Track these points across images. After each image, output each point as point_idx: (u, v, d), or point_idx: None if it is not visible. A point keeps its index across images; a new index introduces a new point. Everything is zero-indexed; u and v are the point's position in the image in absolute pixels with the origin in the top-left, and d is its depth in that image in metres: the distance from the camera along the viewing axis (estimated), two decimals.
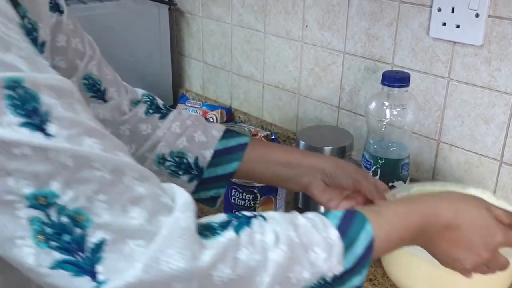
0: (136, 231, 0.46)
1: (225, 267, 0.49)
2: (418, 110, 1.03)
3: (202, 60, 1.53)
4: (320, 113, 1.26)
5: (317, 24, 1.20)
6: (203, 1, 1.45)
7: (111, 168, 0.47)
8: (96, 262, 0.45)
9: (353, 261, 0.55)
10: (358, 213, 0.58)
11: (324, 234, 0.55)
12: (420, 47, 1.03)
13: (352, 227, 0.56)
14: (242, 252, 0.50)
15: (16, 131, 0.43)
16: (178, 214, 0.48)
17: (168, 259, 0.46)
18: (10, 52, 0.45)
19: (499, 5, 0.91)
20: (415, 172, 1.10)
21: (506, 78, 0.93)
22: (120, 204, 0.46)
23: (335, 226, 0.56)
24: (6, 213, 0.44)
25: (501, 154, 0.97)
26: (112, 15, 1.37)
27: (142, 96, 0.84)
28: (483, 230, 0.64)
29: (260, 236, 0.52)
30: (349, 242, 0.55)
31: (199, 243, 0.48)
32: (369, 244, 0.56)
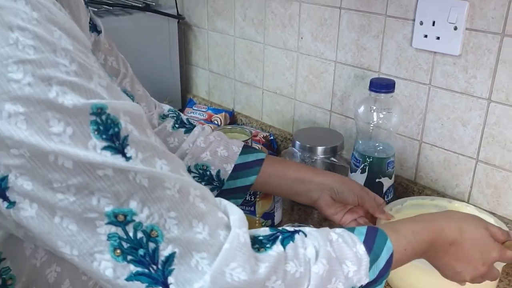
0: (200, 244, 0.47)
1: (277, 278, 0.49)
2: (402, 113, 1.03)
3: (208, 68, 1.53)
4: (314, 116, 1.26)
5: (311, 36, 1.20)
6: (208, 15, 1.45)
7: (179, 187, 0.47)
8: (168, 274, 0.45)
9: (376, 273, 0.57)
10: (380, 230, 0.60)
11: (354, 249, 0.56)
12: (404, 56, 1.03)
13: (376, 243, 0.58)
14: (289, 265, 0.51)
15: (100, 154, 0.43)
16: (237, 230, 0.49)
17: (232, 272, 0.46)
18: (93, 80, 0.44)
19: (475, 19, 0.91)
20: (399, 169, 1.10)
21: (482, 84, 0.93)
22: (187, 220, 0.47)
23: (362, 242, 0.57)
24: (87, 229, 0.44)
25: (477, 153, 0.97)
26: (126, 28, 1.37)
27: (168, 111, 0.85)
28: (482, 247, 0.66)
29: (303, 250, 0.53)
30: (374, 257, 0.57)
31: (255, 257, 0.49)
32: (390, 259, 0.58)
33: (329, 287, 0.53)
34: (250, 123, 1.42)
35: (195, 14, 1.50)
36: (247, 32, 1.35)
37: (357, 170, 0.97)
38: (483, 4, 0.89)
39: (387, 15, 1.03)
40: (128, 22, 1.37)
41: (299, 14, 1.20)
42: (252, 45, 1.35)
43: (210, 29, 1.46)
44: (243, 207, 0.96)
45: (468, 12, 0.91)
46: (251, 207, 0.96)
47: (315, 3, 1.16)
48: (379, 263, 0.57)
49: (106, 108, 0.44)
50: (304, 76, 1.24)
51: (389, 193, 0.99)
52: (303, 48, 1.22)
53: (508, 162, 0.92)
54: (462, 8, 0.91)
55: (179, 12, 1.51)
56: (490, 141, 0.94)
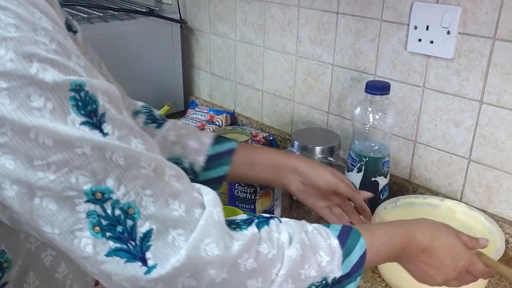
0: (177, 221, 0.47)
1: (249, 257, 0.50)
2: (397, 114, 1.03)
3: (210, 71, 1.53)
4: (312, 117, 1.26)
5: (309, 40, 1.20)
6: (210, 20, 1.46)
7: (154, 166, 0.47)
8: (146, 249, 0.46)
9: (349, 268, 0.57)
10: (354, 229, 0.61)
11: (328, 241, 0.57)
12: (399, 60, 1.04)
13: (349, 239, 0.58)
14: (262, 246, 0.51)
15: (78, 129, 0.43)
16: (211, 208, 0.49)
17: (206, 247, 0.47)
18: (71, 59, 0.45)
19: (468, 24, 0.91)
20: (394, 169, 1.10)
21: (474, 87, 0.93)
22: (163, 198, 0.47)
23: (336, 236, 0.58)
24: (67, 208, 0.44)
25: (469, 153, 0.97)
26: (131, 32, 1.38)
27: (141, 108, 0.84)
28: (452, 254, 0.66)
29: (277, 235, 0.54)
30: (347, 251, 0.57)
31: (229, 234, 0.49)
32: (363, 255, 0.59)
33: (301, 272, 0.53)
34: (250, 124, 1.42)
35: (197, 19, 1.50)
36: (248, 36, 1.35)
37: (354, 170, 0.98)
38: (475, 9, 0.89)
39: (382, 20, 1.04)
40: (133, 26, 1.38)
41: (297, 18, 1.21)
42: (252, 48, 1.35)
43: (211, 33, 1.47)
44: (243, 205, 0.97)
45: (460, 17, 0.91)
46: (251, 205, 0.96)
47: (313, 8, 1.16)
48: (352, 257, 0.57)
49: (85, 85, 0.44)
50: (303, 78, 1.25)
51: (384, 192, 0.99)
52: (301, 52, 1.23)
53: (499, 162, 0.93)
54: (455, 13, 0.92)
55: (182, 17, 1.51)
56: (482, 142, 0.95)
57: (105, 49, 1.32)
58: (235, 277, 0.49)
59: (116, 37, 1.35)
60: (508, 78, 0.88)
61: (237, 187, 0.96)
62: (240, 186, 0.96)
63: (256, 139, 1.28)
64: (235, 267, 0.49)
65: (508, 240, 0.92)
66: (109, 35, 1.33)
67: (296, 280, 0.53)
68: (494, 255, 0.76)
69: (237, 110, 1.48)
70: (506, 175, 0.92)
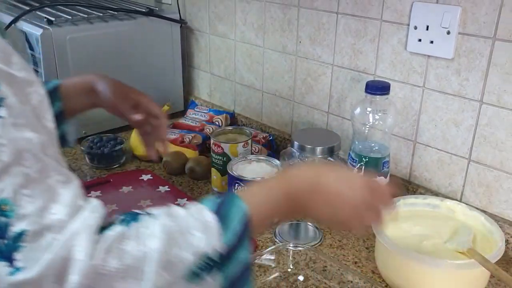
0: (54, 225, 0.46)
1: (112, 258, 0.48)
2: (397, 114, 1.03)
3: (209, 71, 1.53)
4: (312, 117, 1.26)
5: (309, 40, 1.20)
6: (210, 20, 1.46)
7: (39, 168, 0.47)
8: (15, 249, 0.44)
9: (232, 235, 0.54)
10: (231, 194, 0.59)
11: (199, 218, 0.54)
12: (398, 60, 1.03)
13: (227, 209, 0.55)
14: (129, 244, 0.49)
15: None
16: (89, 213, 0.49)
17: (74, 252, 0.46)
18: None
19: (468, 24, 0.91)
20: (394, 169, 1.10)
21: (474, 87, 0.93)
22: (42, 200, 0.46)
23: (210, 209, 0.55)
24: None
25: (469, 153, 0.97)
26: (131, 32, 1.38)
27: None
28: (345, 179, 0.62)
29: (144, 229, 0.51)
30: (225, 222, 0.54)
31: (96, 240, 0.48)
32: (243, 217, 0.55)
33: (172, 259, 0.50)
34: (250, 124, 1.42)
35: (197, 19, 1.50)
36: (247, 36, 1.35)
37: (354, 170, 0.98)
38: (475, 10, 0.89)
39: (382, 20, 1.04)
40: (132, 26, 1.37)
41: (297, 19, 1.21)
42: (252, 48, 1.35)
43: (211, 33, 1.47)
44: None
45: (460, 17, 0.91)
46: None
47: (313, 8, 1.16)
48: (231, 224, 0.54)
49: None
50: (302, 78, 1.25)
51: None
52: (301, 52, 1.23)
53: (499, 162, 0.93)
54: (455, 13, 0.91)
55: (182, 17, 1.51)
56: (482, 142, 0.94)
57: (105, 49, 1.32)
58: (100, 282, 0.47)
59: (116, 37, 1.34)
60: (508, 78, 0.88)
61: (237, 187, 0.96)
62: (240, 186, 0.96)
63: (256, 139, 1.28)
64: (98, 272, 0.47)
65: (508, 240, 0.92)
66: (109, 35, 1.33)
67: (169, 269, 0.50)
68: (494, 255, 0.76)
69: (237, 110, 1.47)
70: (506, 175, 0.92)
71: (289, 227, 0.99)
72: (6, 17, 1.31)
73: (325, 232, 0.98)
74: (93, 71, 0.94)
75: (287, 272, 0.86)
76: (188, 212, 0.55)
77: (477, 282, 0.80)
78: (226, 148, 1.08)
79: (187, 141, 1.30)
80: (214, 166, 1.11)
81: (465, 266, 0.76)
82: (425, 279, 0.78)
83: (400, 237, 0.83)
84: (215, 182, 1.13)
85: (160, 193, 1.11)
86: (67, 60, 1.25)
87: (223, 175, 1.09)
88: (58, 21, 1.25)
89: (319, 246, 0.94)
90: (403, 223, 0.87)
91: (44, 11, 1.31)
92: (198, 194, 1.12)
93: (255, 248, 0.92)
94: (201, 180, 1.18)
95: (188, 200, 1.08)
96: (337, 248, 0.94)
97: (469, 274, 0.78)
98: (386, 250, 0.80)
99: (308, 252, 0.86)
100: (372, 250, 0.92)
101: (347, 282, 0.81)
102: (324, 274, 0.85)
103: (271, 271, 0.86)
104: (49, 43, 1.22)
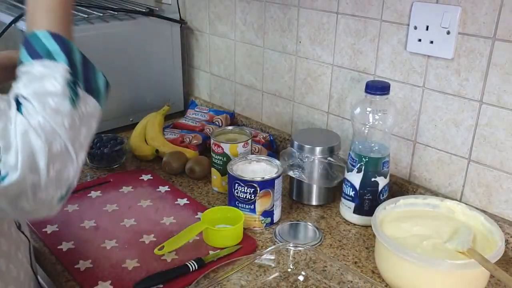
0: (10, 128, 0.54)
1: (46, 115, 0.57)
2: (397, 114, 1.03)
3: (209, 71, 1.53)
4: (312, 117, 1.26)
5: (309, 40, 1.20)
6: (210, 20, 1.46)
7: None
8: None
9: (55, 47, 0.60)
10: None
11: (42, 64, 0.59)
12: (398, 60, 1.03)
13: (31, 38, 0.61)
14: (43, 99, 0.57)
15: None
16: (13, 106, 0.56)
17: (30, 142, 0.54)
18: None
19: (468, 24, 0.91)
20: (394, 169, 1.10)
21: (474, 87, 0.93)
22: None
23: (27, 52, 0.60)
24: None
25: (469, 153, 0.97)
26: (131, 32, 1.38)
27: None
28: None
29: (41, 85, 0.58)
30: (48, 55, 0.60)
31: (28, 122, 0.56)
32: (54, 36, 0.61)
33: (50, 100, 0.57)
34: (250, 124, 1.42)
35: (197, 19, 1.50)
36: (247, 36, 1.35)
37: (354, 170, 0.98)
38: (475, 10, 0.89)
39: (382, 20, 1.04)
40: (132, 26, 1.37)
41: (297, 19, 1.21)
42: (252, 48, 1.35)
43: (211, 33, 1.47)
44: (242, 205, 0.97)
45: (460, 17, 0.91)
46: (251, 205, 0.96)
47: (313, 8, 1.16)
48: (44, 43, 0.60)
49: None
50: (302, 78, 1.25)
51: (384, 192, 0.99)
52: (301, 52, 1.23)
53: (499, 162, 0.93)
54: (454, 13, 0.91)
55: (182, 17, 1.51)
56: (481, 142, 0.94)
57: (105, 49, 1.32)
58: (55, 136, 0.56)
59: (116, 37, 1.34)
60: (508, 78, 0.88)
61: (237, 187, 0.96)
62: (240, 186, 0.96)
63: (256, 139, 1.28)
64: (48, 131, 0.56)
65: (508, 240, 0.92)
66: (109, 35, 1.33)
67: (45, 99, 0.57)
68: (494, 255, 0.76)
69: (236, 110, 1.47)
70: (506, 175, 0.92)
71: (289, 227, 0.99)
72: (6, 17, 1.31)
73: (325, 232, 0.98)
74: None
75: (287, 272, 0.86)
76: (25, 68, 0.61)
77: (477, 282, 0.80)
78: (226, 148, 1.08)
79: (187, 141, 1.30)
80: (214, 166, 1.11)
81: (465, 266, 0.76)
82: (425, 279, 0.78)
83: (400, 237, 0.83)
84: (215, 182, 1.13)
85: (160, 193, 1.11)
86: None
87: (223, 175, 1.09)
88: None
89: (319, 246, 0.94)
90: (403, 223, 0.87)
91: None
92: (198, 194, 1.12)
93: (255, 248, 0.93)
94: (201, 180, 1.18)
95: (188, 200, 1.08)
96: (337, 248, 0.94)
97: (469, 274, 0.78)
98: (386, 250, 0.80)
99: (308, 252, 0.86)
100: (372, 250, 0.92)
101: (347, 282, 0.81)
102: (324, 274, 0.85)
103: (271, 271, 0.86)
104: None
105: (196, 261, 0.85)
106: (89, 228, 0.97)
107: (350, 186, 0.99)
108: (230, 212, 0.97)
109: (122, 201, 1.07)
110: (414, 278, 0.79)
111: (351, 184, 0.99)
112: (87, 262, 0.87)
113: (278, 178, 0.98)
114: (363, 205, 0.99)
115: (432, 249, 0.81)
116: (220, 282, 0.81)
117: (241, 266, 0.83)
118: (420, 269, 0.77)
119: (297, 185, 1.08)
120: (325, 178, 1.04)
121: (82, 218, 1.00)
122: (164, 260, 0.88)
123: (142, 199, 1.08)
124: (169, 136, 1.32)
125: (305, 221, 1.02)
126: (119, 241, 0.93)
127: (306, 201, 1.08)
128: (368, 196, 0.98)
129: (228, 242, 0.91)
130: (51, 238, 0.93)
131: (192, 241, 0.92)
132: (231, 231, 0.92)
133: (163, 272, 0.83)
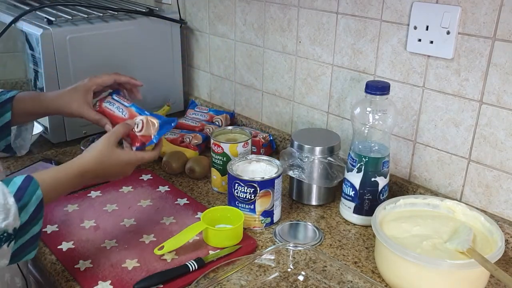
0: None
1: None
2: (397, 115, 1.03)
3: (209, 71, 1.53)
4: (312, 117, 1.26)
5: (309, 40, 1.20)
6: (210, 20, 1.46)
7: None
8: None
9: (28, 217, 0.70)
10: (34, 180, 0.72)
11: (4, 202, 0.68)
12: (398, 60, 1.03)
13: (27, 192, 0.70)
14: None
15: None
16: None
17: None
18: None
19: (467, 24, 0.91)
20: (394, 169, 1.10)
21: (473, 87, 0.93)
22: None
23: (13, 194, 0.69)
24: None
25: (469, 153, 0.97)
26: (131, 32, 1.37)
27: None
28: (118, 166, 0.85)
29: None
30: (23, 203, 0.69)
31: None
32: (39, 203, 0.71)
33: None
34: (250, 124, 1.42)
35: (197, 19, 1.50)
36: (247, 36, 1.35)
37: (354, 170, 0.97)
38: (475, 10, 0.89)
39: (382, 20, 1.04)
40: (133, 26, 1.37)
41: (297, 19, 1.21)
42: (252, 48, 1.35)
43: (211, 33, 1.47)
44: (242, 205, 0.97)
45: (460, 17, 0.91)
46: (250, 205, 0.96)
47: (313, 8, 1.16)
48: (29, 208, 0.70)
49: None
50: (302, 78, 1.25)
51: (384, 192, 0.99)
52: (301, 52, 1.23)
53: (499, 162, 0.93)
54: (454, 13, 0.91)
55: (182, 17, 1.51)
56: (481, 142, 0.94)
57: (105, 49, 1.32)
58: None
59: (116, 37, 1.34)
60: (508, 78, 0.88)
61: (237, 187, 0.96)
62: (240, 186, 0.96)
63: (256, 139, 1.28)
64: None
65: (508, 240, 0.92)
66: (109, 35, 1.33)
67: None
68: (494, 255, 0.76)
69: (236, 110, 1.47)
70: (506, 175, 0.92)
71: (289, 227, 0.99)
72: (6, 17, 1.31)
73: (325, 232, 0.98)
74: (93, 71, 0.93)
75: (287, 272, 0.86)
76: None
77: (477, 282, 0.80)
78: (226, 148, 1.08)
79: (187, 141, 1.29)
80: (214, 166, 1.11)
81: (465, 266, 0.76)
82: (425, 279, 0.78)
83: (400, 237, 0.83)
84: (215, 182, 1.13)
85: (160, 193, 1.11)
86: (67, 60, 1.25)
87: (223, 175, 1.09)
88: (58, 21, 1.25)
89: (319, 246, 0.94)
90: (403, 223, 0.87)
91: (44, 11, 1.31)
92: (198, 194, 1.12)
93: (255, 248, 0.92)
94: (201, 180, 1.18)
95: (188, 200, 1.08)
96: (337, 248, 0.94)
97: (469, 274, 0.78)
98: (386, 250, 0.80)
99: (308, 252, 0.86)
100: (372, 250, 0.92)
101: (347, 282, 0.81)
102: (324, 274, 0.85)
103: (271, 271, 0.86)
104: (49, 43, 1.21)
105: (196, 261, 0.85)
106: (89, 228, 0.97)
107: (350, 186, 0.99)
108: (230, 212, 0.96)
109: (122, 201, 1.07)
110: (414, 278, 0.79)
111: (351, 184, 0.99)
112: (87, 262, 0.87)
113: (278, 178, 0.98)
114: (363, 205, 0.99)
115: (432, 249, 0.81)
116: (220, 282, 0.81)
117: (241, 266, 0.83)
118: (420, 269, 0.77)
119: (297, 185, 1.08)
120: (325, 178, 1.04)
121: (82, 218, 1.00)
122: (164, 260, 0.87)
123: (142, 199, 1.08)
124: (169, 136, 1.32)
125: (305, 221, 1.02)
126: (119, 241, 0.93)
127: (306, 201, 1.08)
128: (368, 196, 0.98)
129: (228, 242, 0.91)
130: (51, 238, 0.93)
131: (192, 241, 0.92)
132: (231, 231, 0.92)
133: (163, 272, 0.83)
